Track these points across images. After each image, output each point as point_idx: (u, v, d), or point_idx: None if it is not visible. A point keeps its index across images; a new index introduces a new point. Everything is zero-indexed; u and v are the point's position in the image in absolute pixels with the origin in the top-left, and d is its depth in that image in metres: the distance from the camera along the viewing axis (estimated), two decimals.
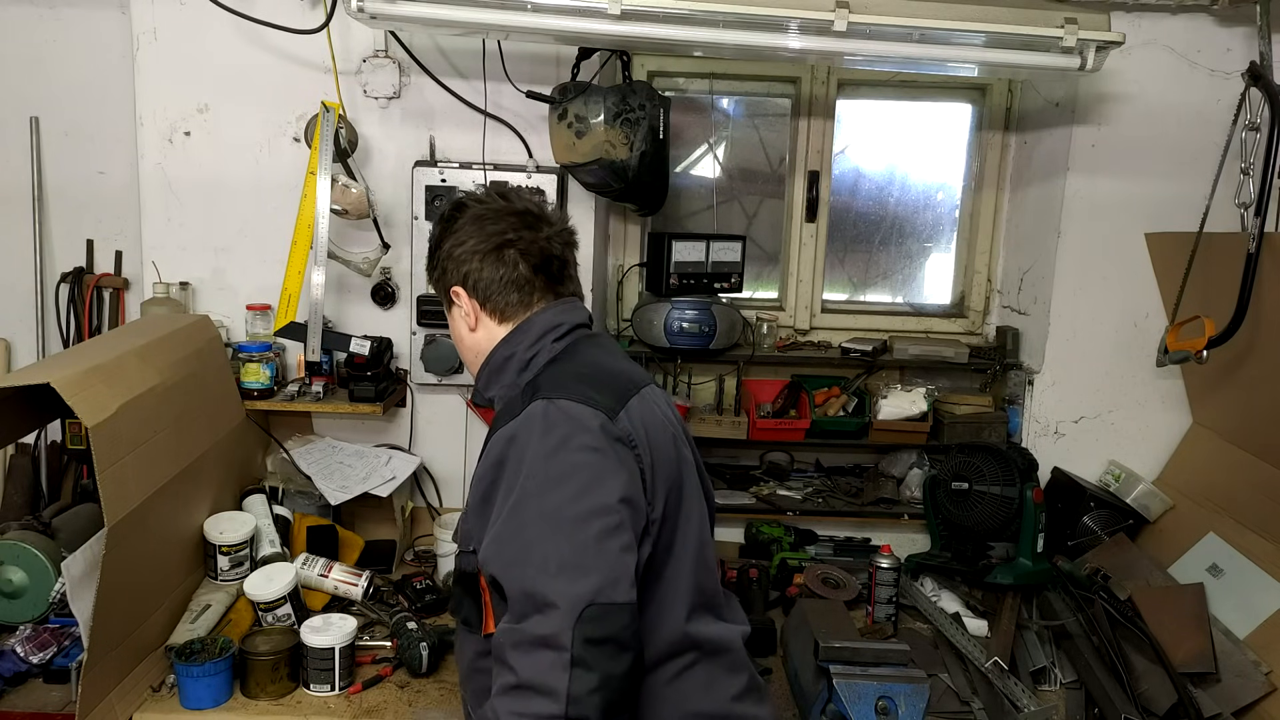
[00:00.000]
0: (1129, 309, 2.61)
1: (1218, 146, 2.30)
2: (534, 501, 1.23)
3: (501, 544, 1.23)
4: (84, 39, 2.59)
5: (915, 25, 1.98)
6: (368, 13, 1.97)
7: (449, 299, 1.53)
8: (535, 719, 1.14)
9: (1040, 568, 2.37)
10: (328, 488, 2.37)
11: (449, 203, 1.56)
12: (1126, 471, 2.63)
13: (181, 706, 1.83)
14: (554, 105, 2.28)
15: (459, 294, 1.50)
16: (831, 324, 2.93)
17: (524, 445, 1.28)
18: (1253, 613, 2.15)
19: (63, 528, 2.06)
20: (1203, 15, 2.45)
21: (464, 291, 1.49)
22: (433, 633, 2.01)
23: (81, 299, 2.64)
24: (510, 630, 1.19)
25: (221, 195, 2.50)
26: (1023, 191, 2.80)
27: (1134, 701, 2.01)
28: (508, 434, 1.30)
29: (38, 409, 2.04)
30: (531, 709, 1.14)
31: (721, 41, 2.01)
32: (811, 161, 2.86)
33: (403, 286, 2.53)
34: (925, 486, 2.62)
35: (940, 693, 2.03)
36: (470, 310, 1.49)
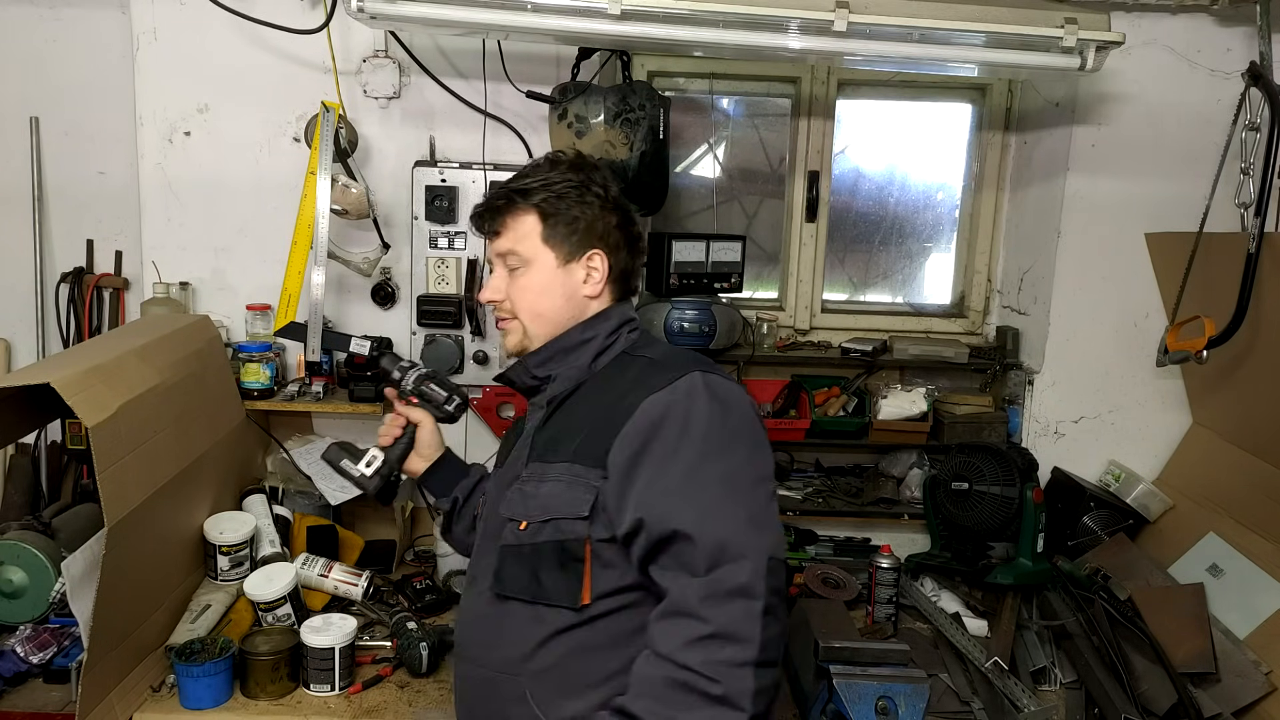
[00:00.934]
0: (1129, 309, 2.61)
1: (1218, 146, 2.30)
2: (715, 463, 1.31)
3: (685, 498, 1.28)
4: (84, 39, 2.59)
5: (915, 25, 1.98)
6: (368, 13, 1.97)
7: (572, 249, 1.49)
8: (731, 665, 1.20)
9: (1040, 568, 2.36)
10: (328, 488, 2.37)
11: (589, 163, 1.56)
12: (1126, 471, 2.63)
13: (181, 706, 1.83)
14: (554, 105, 2.28)
15: (599, 258, 1.51)
16: (831, 324, 2.93)
17: (689, 412, 1.33)
18: (1253, 613, 2.15)
19: (63, 528, 2.06)
20: (1203, 15, 2.45)
21: (606, 258, 1.51)
22: (433, 633, 2.01)
23: (81, 299, 2.64)
24: (701, 583, 1.24)
25: (221, 195, 2.50)
26: (1023, 191, 2.80)
27: (1134, 701, 2.01)
28: (662, 402, 1.34)
29: (38, 409, 2.04)
30: (727, 656, 1.21)
31: (721, 41, 2.01)
32: (811, 161, 2.86)
33: (403, 286, 2.53)
34: (925, 486, 2.62)
35: (940, 693, 2.03)
36: (601, 279, 1.51)
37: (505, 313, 1.54)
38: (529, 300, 1.51)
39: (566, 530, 1.37)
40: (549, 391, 1.52)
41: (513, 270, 1.52)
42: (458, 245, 2.46)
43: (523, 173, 1.54)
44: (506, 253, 1.52)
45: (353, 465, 1.71)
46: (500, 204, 1.51)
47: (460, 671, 1.53)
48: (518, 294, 1.52)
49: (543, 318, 1.51)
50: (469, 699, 1.50)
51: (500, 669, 1.42)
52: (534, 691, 1.39)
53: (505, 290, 1.53)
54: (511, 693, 1.40)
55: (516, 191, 1.50)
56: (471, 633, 1.50)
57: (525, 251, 1.50)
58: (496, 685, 1.42)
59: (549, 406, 1.50)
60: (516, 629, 1.41)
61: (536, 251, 1.50)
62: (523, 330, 1.53)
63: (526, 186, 1.50)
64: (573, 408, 1.48)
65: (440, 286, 2.47)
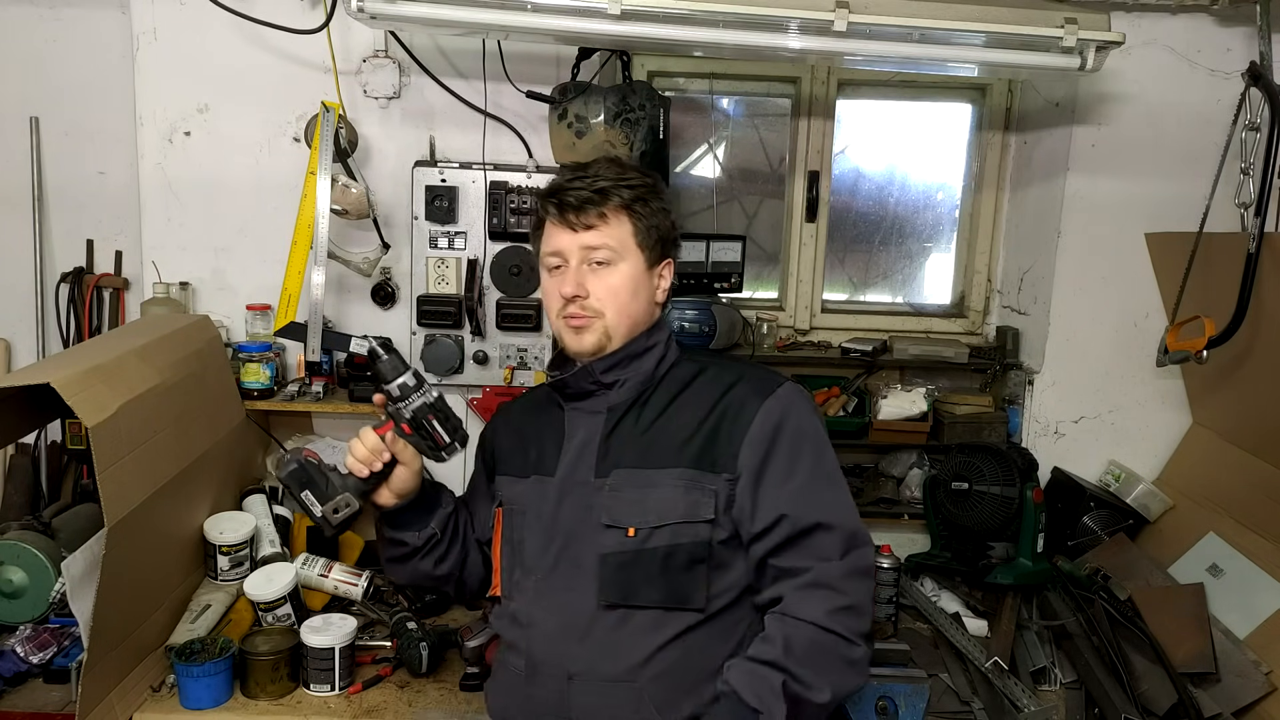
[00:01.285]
0: (1129, 309, 2.61)
1: (1218, 146, 2.30)
2: (826, 460, 1.47)
3: (817, 494, 1.44)
4: (84, 39, 2.59)
5: (915, 25, 1.98)
6: (368, 13, 1.97)
7: (654, 257, 1.54)
8: (860, 635, 1.40)
9: (1040, 568, 2.37)
10: None
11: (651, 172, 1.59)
12: (1126, 471, 2.63)
13: (181, 706, 1.83)
14: (554, 105, 2.28)
15: (669, 268, 1.58)
16: (831, 324, 2.93)
17: (800, 417, 1.47)
18: (1253, 613, 2.15)
19: (63, 528, 2.06)
20: (1203, 15, 2.45)
21: (673, 267, 1.58)
22: (433, 633, 2.01)
23: (81, 299, 2.64)
24: (840, 565, 1.41)
25: (221, 195, 2.50)
26: (1023, 191, 2.80)
27: (1134, 701, 2.01)
28: (777, 409, 1.46)
29: (38, 409, 2.04)
30: (860, 626, 1.40)
31: (721, 41, 2.01)
32: (811, 161, 2.86)
33: (403, 286, 2.53)
34: (925, 486, 2.62)
35: (940, 693, 2.03)
36: (667, 288, 1.57)
37: (589, 310, 1.49)
38: (622, 300, 1.49)
39: (687, 534, 1.42)
40: (610, 398, 1.52)
41: (599, 265, 1.48)
42: (458, 245, 2.46)
43: (597, 172, 1.51)
44: (598, 246, 1.48)
45: (315, 502, 1.49)
46: (597, 196, 1.47)
47: (545, 688, 1.47)
48: (608, 292, 1.49)
49: (630, 319, 1.51)
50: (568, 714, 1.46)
51: (614, 678, 1.42)
52: (652, 695, 1.41)
53: (588, 286, 1.48)
54: (626, 701, 1.42)
55: (613, 188, 1.48)
56: (567, 647, 1.46)
57: (621, 249, 1.49)
58: (608, 696, 1.42)
59: (611, 413, 1.51)
60: (633, 636, 1.42)
61: (630, 251, 1.50)
62: (604, 331, 1.50)
63: (620, 185, 1.49)
64: (651, 415, 1.51)
65: (440, 286, 2.47)
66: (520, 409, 1.71)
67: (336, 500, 1.49)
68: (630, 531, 1.43)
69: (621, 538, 1.43)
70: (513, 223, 2.42)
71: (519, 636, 1.51)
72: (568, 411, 1.58)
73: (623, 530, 1.43)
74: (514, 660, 1.52)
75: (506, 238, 2.45)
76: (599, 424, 1.52)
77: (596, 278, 1.49)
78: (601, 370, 1.51)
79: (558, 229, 1.50)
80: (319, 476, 1.49)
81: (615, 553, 1.43)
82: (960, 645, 2.16)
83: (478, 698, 1.92)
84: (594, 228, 1.48)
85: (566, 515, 1.50)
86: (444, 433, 1.49)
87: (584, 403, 1.55)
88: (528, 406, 1.71)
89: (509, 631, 1.55)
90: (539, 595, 1.49)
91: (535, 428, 1.62)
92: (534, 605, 1.50)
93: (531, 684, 1.48)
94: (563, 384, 1.55)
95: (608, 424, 1.52)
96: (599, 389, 1.53)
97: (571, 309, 1.49)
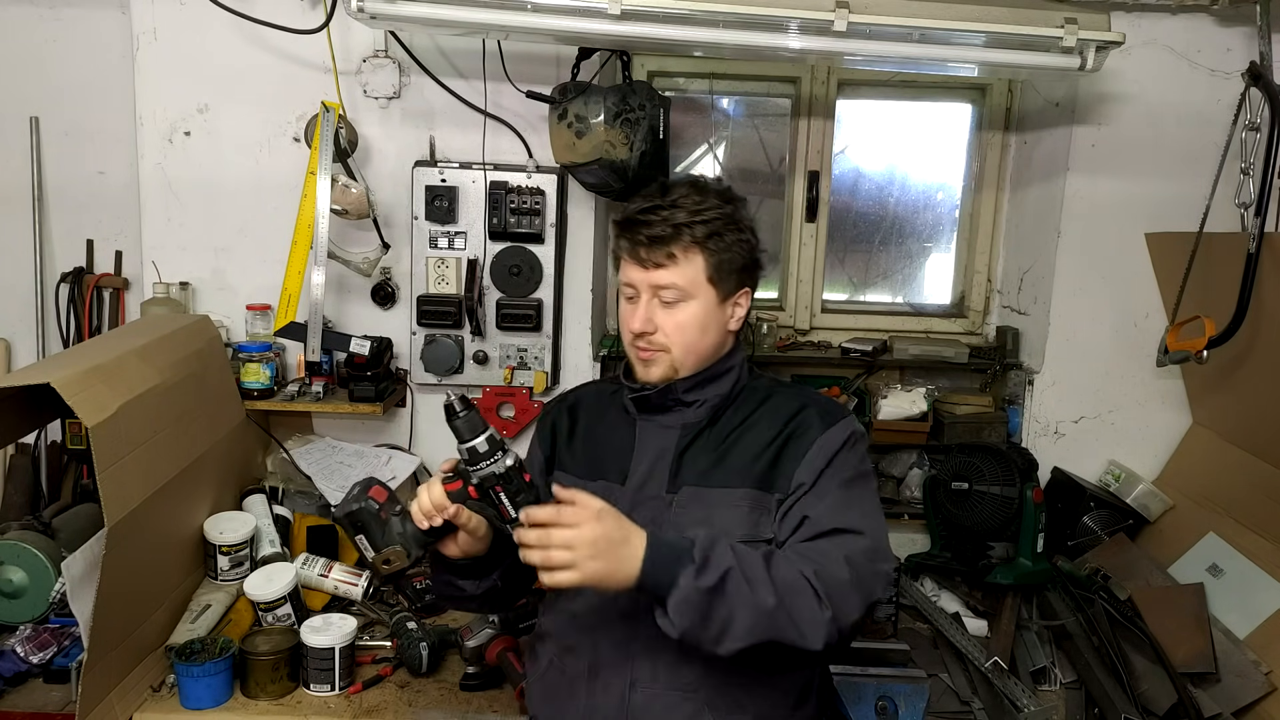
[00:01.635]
0: (1129, 309, 2.61)
1: (1218, 146, 2.30)
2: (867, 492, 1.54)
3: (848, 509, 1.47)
4: (84, 39, 2.59)
5: (915, 25, 1.98)
6: (368, 13, 1.97)
7: (729, 289, 1.53)
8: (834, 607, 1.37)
9: (1040, 568, 2.36)
10: (328, 488, 2.37)
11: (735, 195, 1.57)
12: (1126, 471, 2.63)
13: (181, 706, 1.83)
14: (554, 105, 2.28)
15: (746, 296, 1.58)
16: (831, 324, 2.93)
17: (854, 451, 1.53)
18: (1253, 613, 2.15)
19: (63, 528, 2.06)
20: (1203, 15, 2.45)
21: (751, 295, 1.59)
22: (433, 633, 2.01)
23: (81, 299, 2.64)
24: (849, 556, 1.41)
25: (221, 195, 2.50)
26: (1023, 191, 2.80)
27: (1134, 701, 2.01)
28: (837, 439, 1.51)
29: (38, 409, 2.04)
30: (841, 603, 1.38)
31: (721, 41, 2.01)
32: (811, 161, 2.86)
33: (403, 286, 2.53)
34: (925, 486, 2.62)
35: (940, 693, 2.03)
36: (743, 315, 1.58)
37: (657, 345, 1.52)
38: (690, 337, 1.52)
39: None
40: (686, 415, 1.56)
41: (668, 303, 1.51)
42: (458, 245, 2.46)
43: (674, 201, 1.50)
44: (667, 286, 1.50)
45: (368, 548, 1.43)
46: (670, 232, 1.48)
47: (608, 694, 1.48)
48: (675, 329, 1.51)
49: (697, 354, 1.53)
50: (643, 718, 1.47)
51: (675, 688, 1.46)
52: (712, 705, 1.45)
53: (657, 322, 1.51)
54: (687, 710, 1.45)
55: (686, 225, 1.48)
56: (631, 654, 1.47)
57: (690, 288, 1.50)
58: (669, 705, 1.46)
59: (685, 430, 1.56)
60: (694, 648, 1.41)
61: (700, 289, 1.51)
62: (670, 364, 1.53)
63: (695, 221, 1.48)
64: (723, 435, 1.55)
65: (440, 286, 2.47)
66: (587, 406, 1.71)
67: (388, 551, 1.42)
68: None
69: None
70: (513, 223, 2.42)
71: (581, 640, 1.52)
72: (640, 422, 1.60)
73: None
74: (573, 664, 1.53)
75: (506, 238, 2.45)
76: (673, 439, 1.55)
77: (665, 314, 1.51)
78: (684, 390, 1.55)
79: (629, 263, 1.53)
80: (375, 524, 1.42)
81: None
82: (960, 645, 2.16)
83: (478, 698, 1.92)
84: (663, 267, 1.49)
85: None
86: (510, 506, 1.35)
87: (659, 416, 1.58)
88: (593, 406, 1.70)
89: (567, 632, 1.55)
90: (606, 600, 1.48)
91: (604, 430, 1.63)
92: (601, 609, 1.50)
93: (593, 689, 1.50)
94: (644, 398, 1.57)
95: (681, 440, 1.55)
96: (677, 406, 1.57)
97: (640, 342, 1.54)
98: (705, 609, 1.30)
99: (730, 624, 1.31)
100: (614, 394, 1.66)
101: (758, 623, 1.32)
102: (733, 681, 1.46)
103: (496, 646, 1.94)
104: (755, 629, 1.32)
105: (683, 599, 1.29)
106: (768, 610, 1.31)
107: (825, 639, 1.35)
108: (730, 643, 1.32)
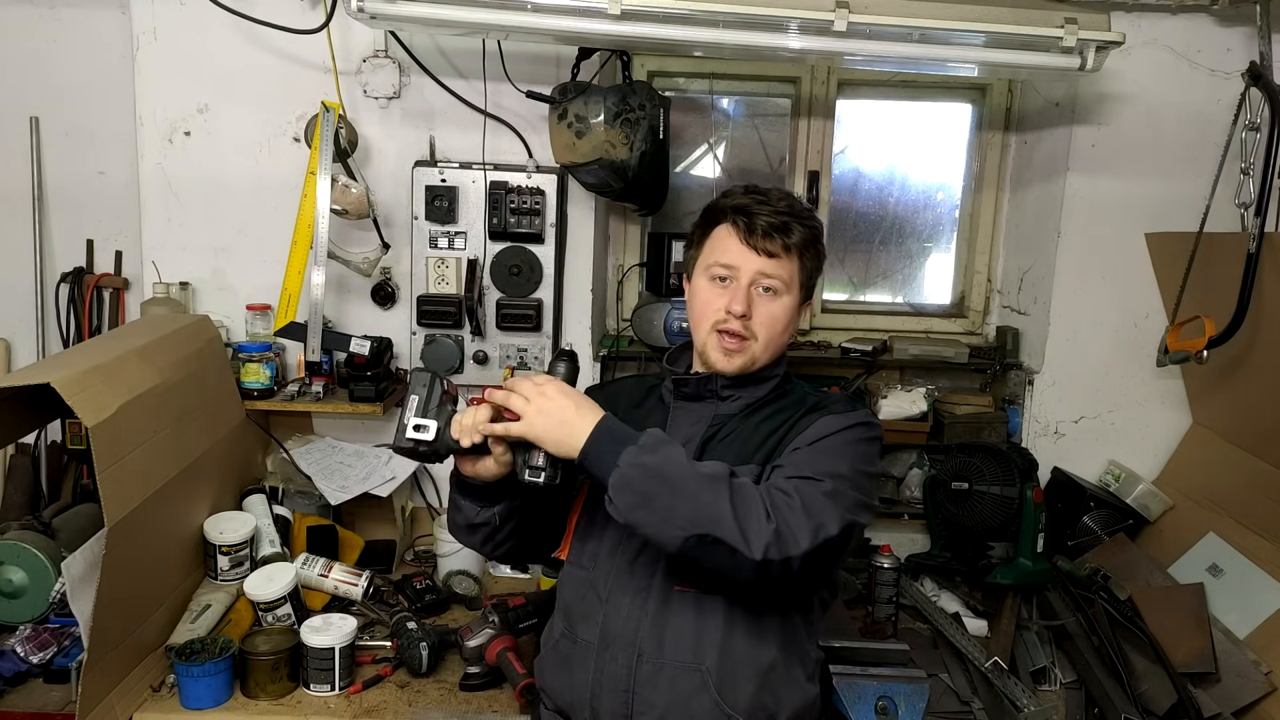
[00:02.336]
0: (1129, 309, 2.61)
1: (1218, 146, 2.30)
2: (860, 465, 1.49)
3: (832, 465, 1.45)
4: (84, 39, 2.59)
5: (915, 25, 1.98)
6: (368, 13, 1.97)
7: (803, 297, 1.60)
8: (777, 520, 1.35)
9: (1040, 568, 2.37)
10: (328, 488, 2.37)
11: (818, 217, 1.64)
12: (1126, 471, 2.63)
13: (181, 706, 1.83)
14: (554, 105, 2.28)
15: (806, 310, 1.66)
16: (831, 324, 2.93)
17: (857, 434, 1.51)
18: (1253, 613, 2.15)
19: (63, 528, 2.06)
20: (1203, 15, 2.45)
21: (809, 310, 1.69)
22: (433, 633, 2.01)
23: (81, 299, 2.64)
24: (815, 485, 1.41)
25: (221, 195, 2.50)
26: (1023, 191, 2.80)
27: (1134, 701, 2.01)
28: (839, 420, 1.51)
29: (38, 409, 2.04)
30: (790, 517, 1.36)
31: (721, 41, 2.01)
32: (811, 161, 2.86)
33: (403, 286, 2.53)
34: (925, 486, 2.62)
35: (940, 693, 2.03)
36: (796, 330, 1.65)
37: (747, 333, 1.55)
38: (775, 330, 1.57)
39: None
40: (720, 408, 1.61)
41: (767, 292, 1.55)
42: (458, 245, 2.46)
43: (788, 207, 1.57)
44: (773, 275, 1.54)
45: (410, 410, 1.44)
46: (786, 226, 1.54)
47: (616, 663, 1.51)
48: (767, 320, 1.55)
49: (773, 351, 1.59)
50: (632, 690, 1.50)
51: (680, 661, 1.48)
52: (716, 679, 1.48)
53: (752, 309, 1.55)
54: (690, 683, 1.47)
55: (798, 225, 1.55)
56: (639, 626, 1.49)
57: (789, 284, 1.56)
58: (673, 677, 1.48)
59: (715, 420, 1.59)
60: (700, 621, 1.48)
61: (793, 288, 1.57)
62: (752, 356, 1.57)
63: (801, 224, 1.56)
64: (746, 428, 1.58)
65: (440, 286, 2.47)
66: (626, 392, 1.76)
67: (423, 421, 1.44)
68: None
69: None
70: (513, 223, 2.42)
71: (595, 609, 1.54)
72: (674, 408, 1.65)
73: None
74: (586, 632, 1.55)
75: (506, 238, 2.46)
76: (702, 429, 1.59)
77: (761, 303, 1.55)
78: (724, 385, 1.60)
79: (737, 245, 1.55)
80: (436, 396, 1.45)
81: None
82: (960, 645, 2.16)
83: (478, 698, 1.92)
84: (775, 257, 1.54)
85: None
86: (540, 460, 1.40)
87: (694, 405, 1.63)
88: (632, 392, 1.75)
89: (584, 602, 1.57)
90: (620, 574, 1.53)
91: (639, 415, 1.67)
92: (614, 582, 1.54)
93: (601, 660, 1.52)
94: (683, 382, 1.62)
95: (709, 430, 1.59)
96: (712, 398, 1.61)
97: (733, 325, 1.54)
98: (645, 490, 1.31)
99: (672, 511, 1.32)
100: (653, 388, 1.73)
101: (700, 513, 1.31)
102: (735, 660, 1.48)
103: (496, 646, 1.94)
104: (698, 519, 1.31)
105: (621, 477, 1.31)
106: (709, 502, 1.32)
107: (765, 552, 1.31)
108: (672, 530, 1.32)
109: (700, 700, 1.47)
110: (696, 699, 1.48)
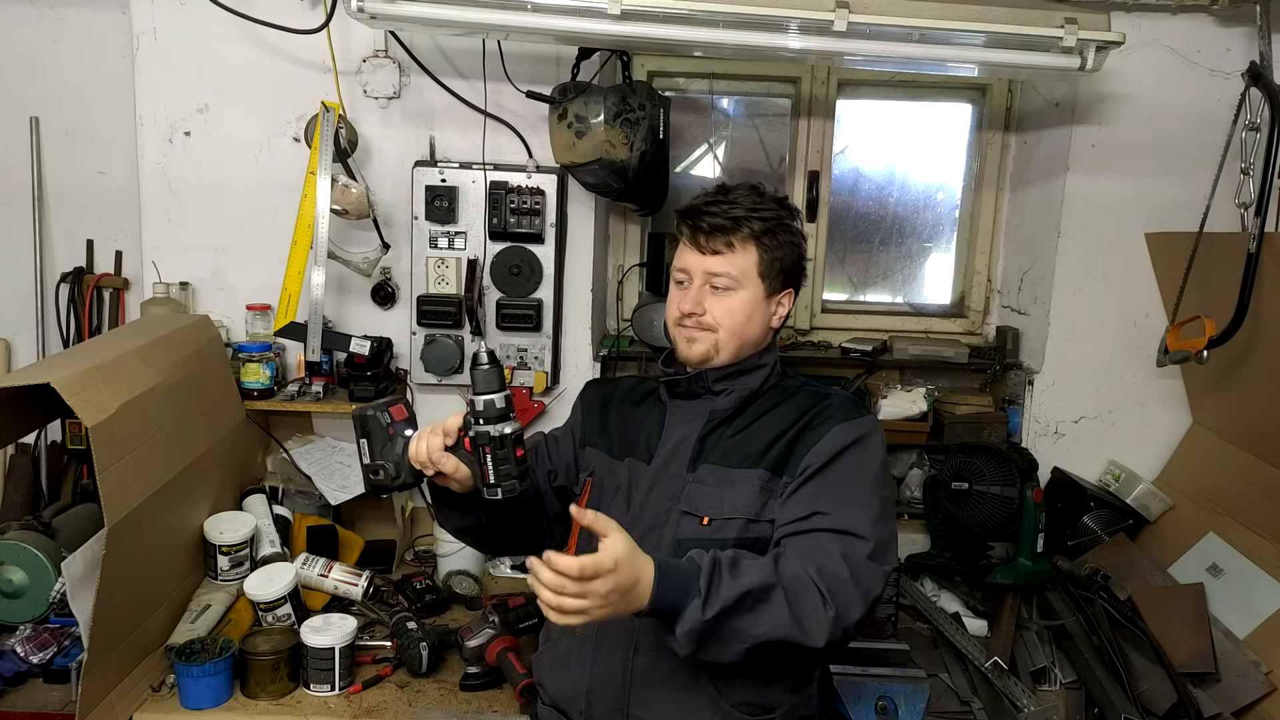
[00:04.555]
0: (1129, 309, 2.61)
1: (1218, 146, 2.30)
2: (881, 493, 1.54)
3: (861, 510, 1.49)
4: (84, 39, 2.59)
5: (915, 25, 1.98)
6: (368, 13, 1.97)
7: (775, 287, 1.63)
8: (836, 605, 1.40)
9: (1040, 568, 2.36)
10: (328, 488, 2.37)
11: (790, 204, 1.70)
12: (1126, 471, 2.63)
13: (181, 706, 1.83)
14: (554, 105, 2.28)
15: (789, 298, 1.68)
16: (832, 324, 2.93)
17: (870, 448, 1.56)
18: (1253, 613, 2.15)
19: (63, 528, 2.06)
20: (1203, 15, 2.45)
21: (793, 297, 1.69)
22: (433, 633, 2.01)
23: (81, 299, 2.64)
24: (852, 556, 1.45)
25: (221, 195, 2.50)
26: (1023, 191, 2.80)
27: (1134, 701, 2.01)
28: (850, 432, 1.55)
29: (38, 409, 2.04)
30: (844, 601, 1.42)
31: (721, 41, 2.01)
32: (811, 161, 2.86)
33: (403, 286, 2.53)
34: (925, 486, 2.62)
35: (940, 693, 2.03)
36: (784, 315, 1.68)
37: (705, 325, 1.61)
38: (736, 321, 1.61)
39: (754, 530, 1.54)
40: (714, 404, 1.65)
41: (718, 289, 1.61)
42: (458, 245, 2.46)
43: (735, 199, 1.61)
44: (720, 273, 1.60)
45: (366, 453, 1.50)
46: (729, 224, 1.59)
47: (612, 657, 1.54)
48: (723, 313, 1.61)
49: (740, 340, 1.63)
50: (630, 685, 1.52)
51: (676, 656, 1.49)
52: (712, 674, 1.49)
53: (705, 305, 1.61)
54: (686, 678, 1.50)
55: (745, 219, 1.59)
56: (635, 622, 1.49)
57: (742, 278, 1.60)
58: (670, 673, 1.50)
59: (711, 417, 1.64)
60: None
61: (750, 280, 1.61)
62: (714, 345, 1.62)
63: (753, 216, 1.60)
64: (746, 423, 1.62)
65: (440, 286, 2.47)
66: (625, 392, 1.82)
67: (382, 464, 1.50)
68: (705, 520, 1.54)
69: (697, 525, 1.55)
70: (513, 223, 2.42)
71: None
72: (670, 407, 1.70)
73: (698, 519, 1.55)
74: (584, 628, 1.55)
75: (506, 238, 2.46)
76: (699, 425, 1.64)
77: (715, 299, 1.61)
78: (714, 379, 1.64)
79: (688, 248, 1.64)
80: (380, 436, 1.51)
81: (690, 539, 1.52)
82: (960, 645, 2.16)
83: (478, 698, 1.92)
84: (720, 254, 1.60)
85: (654, 501, 1.61)
86: (492, 472, 1.44)
87: (689, 403, 1.67)
88: (630, 392, 1.81)
89: None
90: None
91: (639, 415, 1.74)
92: None
93: (599, 654, 1.56)
94: (675, 383, 1.67)
95: (706, 426, 1.64)
96: (706, 394, 1.65)
97: (687, 321, 1.62)
98: (711, 633, 1.34)
99: (737, 636, 1.35)
100: (652, 389, 1.77)
101: (765, 630, 1.36)
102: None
103: (496, 646, 1.94)
104: (759, 635, 1.36)
105: (689, 629, 1.33)
106: (774, 617, 1.36)
107: (828, 637, 1.38)
108: (734, 650, 1.36)
109: (696, 696, 1.49)
110: (692, 695, 1.49)
